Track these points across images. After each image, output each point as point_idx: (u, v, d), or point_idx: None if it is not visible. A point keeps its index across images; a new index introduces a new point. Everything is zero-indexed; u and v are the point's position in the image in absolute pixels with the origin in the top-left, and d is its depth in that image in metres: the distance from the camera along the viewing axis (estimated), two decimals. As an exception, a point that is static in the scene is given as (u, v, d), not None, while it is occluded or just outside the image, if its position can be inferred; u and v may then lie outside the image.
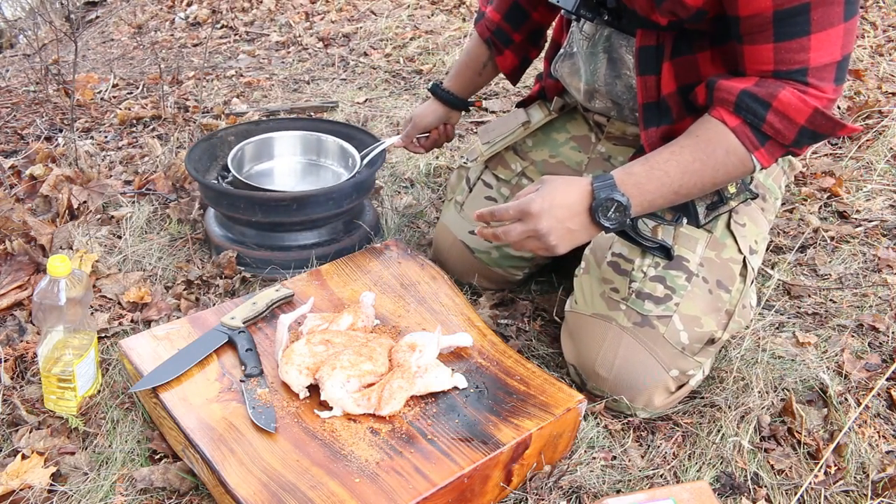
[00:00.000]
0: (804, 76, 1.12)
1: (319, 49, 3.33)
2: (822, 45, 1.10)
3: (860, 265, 1.79)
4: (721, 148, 1.18)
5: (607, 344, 1.31)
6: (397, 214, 1.95)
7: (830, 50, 1.11)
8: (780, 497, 1.20)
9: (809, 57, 1.11)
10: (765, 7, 1.09)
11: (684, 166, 1.18)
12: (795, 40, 1.10)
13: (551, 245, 1.17)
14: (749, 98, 1.15)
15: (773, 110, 1.14)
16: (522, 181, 1.63)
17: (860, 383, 1.43)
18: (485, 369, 1.27)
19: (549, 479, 1.21)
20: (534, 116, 1.65)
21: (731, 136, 1.17)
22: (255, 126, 1.92)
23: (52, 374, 1.27)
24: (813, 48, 1.10)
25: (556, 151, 1.61)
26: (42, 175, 2.04)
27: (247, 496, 1.02)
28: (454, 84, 1.72)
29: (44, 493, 1.16)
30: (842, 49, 1.11)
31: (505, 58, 1.66)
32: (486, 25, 1.64)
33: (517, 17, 1.61)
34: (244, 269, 1.68)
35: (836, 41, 1.10)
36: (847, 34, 1.11)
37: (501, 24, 1.62)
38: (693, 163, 1.18)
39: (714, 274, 1.32)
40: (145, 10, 4.17)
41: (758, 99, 1.14)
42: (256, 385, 1.20)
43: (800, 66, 1.12)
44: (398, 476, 1.06)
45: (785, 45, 1.11)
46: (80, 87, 2.76)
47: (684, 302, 1.30)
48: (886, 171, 2.14)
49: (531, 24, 1.62)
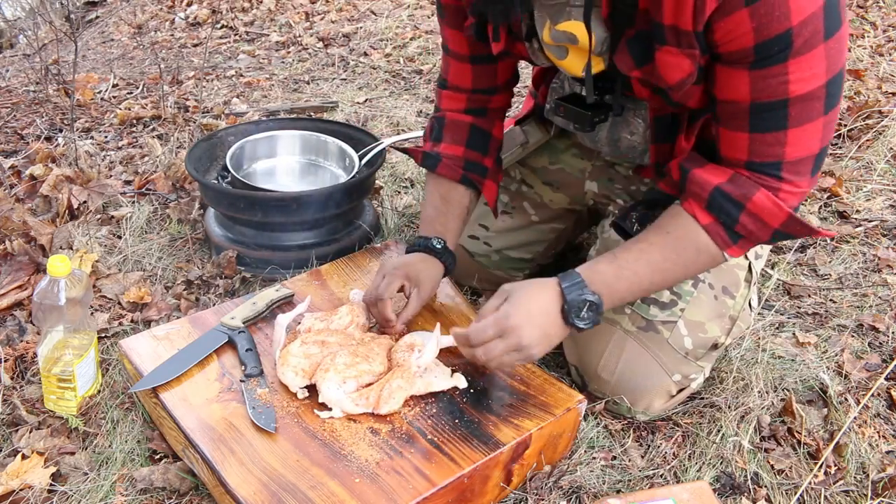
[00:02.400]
0: (778, 170, 1.08)
1: (319, 49, 3.33)
2: (799, 140, 1.05)
3: (860, 265, 1.79)
4: (692, 246, 1.15)
5: (611, 347, 1.31)
6: (397, 214, 1.95)
7: (808, 144, 1.06)
8: (780, 497, 1.20)
9: (785, 151, 1.06)
10: (742, 97, 1.05)
11: (654, 266, 1.15)
12: (772, 133, 1.06)
13: (532, 355, 1.14)
14: (722, 197, 1.11)
15: (747, 212, 1.10)
16: (522, 188, 1.62)
17: (860, 383, 1.43)
18: (485, 369, 1.27)
19: (549, 479, 1.21)
20: (532, 136, 1.58)
21: (703, 234, 1.13)
22: (255, 126, 1.92)
23: (52, 374, 1.27)
24: (790, 143, 1.06)
25: (557, 158, 1.59)
26: (42, 175, 2.04)
27: (247, 496, 1.02)
28: (451, 241, 1.41)
29: (44, 493, 1.16)
30: (820, 142, 1.07)
31: (488, 188, 1.45)
32: (453, 164, 1.41)
33: (481, 142, 1.43)
34: (244, 269, 1.68)
35: (814, 135, 1.06)
36: (826, 126, 1.06)
37: (468, 155, 1.42)
38: (663, 262, 1.15)
39: (720, 280, 1.32)
40: (145, 10, 4.17)
41: (731, 199, 1.10)
42: (256, 385, 1.20)
43: (775, 159, 1.07)
44: (398, 476, 1.06)
45: (760, 137, 1.07)
46: (80, 87, 2.76)
47: (690, 307, 1.29)
48: (886, 171, 2.14)
49: (495, 143, 1.46)
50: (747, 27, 0.98)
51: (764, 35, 0.97)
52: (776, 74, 1.01)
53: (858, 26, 3.03)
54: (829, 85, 1.02)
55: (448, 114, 1.44)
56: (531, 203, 1.62)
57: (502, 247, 1.62)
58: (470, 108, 1.44)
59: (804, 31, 0.97)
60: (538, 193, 1.61)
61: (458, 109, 1.44)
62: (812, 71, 1.00)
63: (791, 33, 0.97)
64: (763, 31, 0.97)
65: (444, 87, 1.45)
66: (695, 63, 1.06)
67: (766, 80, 1.02)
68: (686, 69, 1.07)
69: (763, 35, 0.98)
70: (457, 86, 1.43)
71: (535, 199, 1.62)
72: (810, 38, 0.98)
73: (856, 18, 3.08)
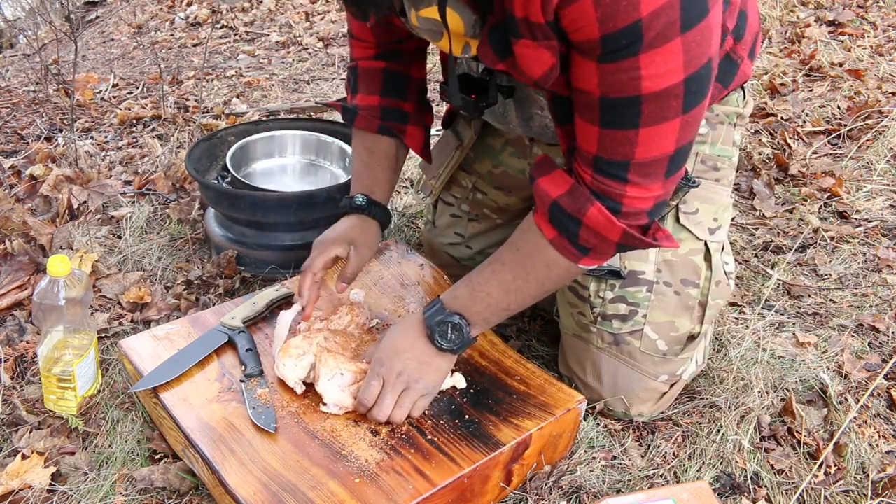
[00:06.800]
0: (625, 171, 0.99)
1: (319, 49, 3.33)
2: (651, 140, 0.96)
3: (860, 265, 1.79)
4: (541, 262, 1.10)
5: (591, 362, 1.32)
6: (397, 214, 1.95)
7: (661, 144, 0.97)
8: (780, 497, 1.20)
9: (636, 151, 0.97)
10: (591, 88, 0.95)
11: (506, 286, 1.13)
12: (622, 131, 0.96)
13: (421, 387, 1.14)
14: (559, 212, 1.05)
15: (585, 227, 1.04)
16: (478, 196, 1.58)
17: (860, 383, 1.43)
18: (485, 369, 1.27)
19: (549, 479, 1.21)
20: (464, 136, 1.54)
21: (550, 248, 1.08)
22: (255, 126, 1.92)
23: (52, 374, 1.27)
24: (641, 143, 0.96)
25: (498, 160, 1.53)
26: (42, 175, 2.04)
27: (247, 496, 1.02)
28: (381, 194, 1.39)
29: (44, 493, 1.16)
30: (676, 143, 0.97)
31: (412, 136, 1.40)
32: (369, 115, 1.36)
33: (397, 86, 1.37)
34: (244, 269, 1.68)
35: (668, 135, 0.96)
36: (685, 126, 0.96)
37: (385, 102, 1.36)
38: (514, 281, 1.12)
39: (676, 274, 1.28)
40: (145, 10, 4.17)
41: (567, 214, 1.04)
42: (256, 385, 1.20)
43: (623, 158, 0.98)
44: (398, 476, 1.06)
45: (610, 134, 0.98)
46: (80, 87, 2.76)
47: (651, 312, 1.28)
48: (886, 171, 2.14)
49: (415, 85, 1.39)
50: (591, 17, 0.88)
51: (610, 27, 0.88)
52: (626, 69, 0.91)
53: (858, 26, 3.03)
54: (689, 81, 0.92)
55: (360, 62, 1.37)
56: (490, 209, 1.59)
57: (483, 247, 1.61)
58: (381, 52, 1.36)
59: (656, 23, 0.87)
60: (493, 199, 1.57)
61: (369, 56, 1.36)
62: (667, 67, 0.90)
63: (640, 25, 0.87)
64: (608, 23, 0.87)
65: (352, 36, 1.38)
66: (555, 54, 0.97)
67: (616, 74, 0.92)
68: (547, 61, 0.98)
69: (609, 27, 0.88)
70: (361, 38, 1.36)
71: (492, 205, 1.58)
72: (664, 30, 0.87)
73: (856, 18, 3.08)
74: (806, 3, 3.24)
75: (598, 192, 1.02)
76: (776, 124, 2.34)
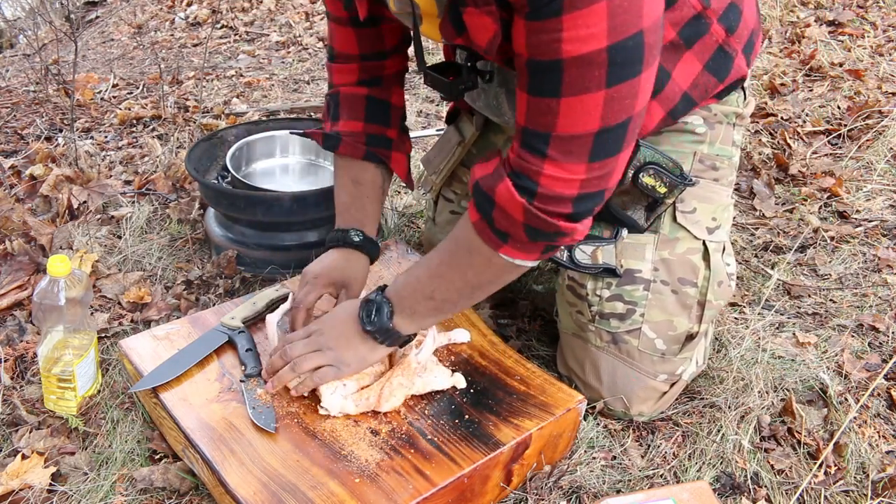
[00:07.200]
0: (545, 144, 0.94)
1: (319, 49, 3.33)
2: (573, 111, 0.91)
3: (860, 265, 1.79)
4: (464, 247, 1.07)
5: (590, 361, 1.32)
6: (397, 214, 1.95)
7: (584, 120, 0.92)
8: (780, 497, 1.20)
9: (556, 122, 0.92)
10: (521, 50, 0.92)
11: (432, 270, 1.11)
12: (545, 100, 0.92)
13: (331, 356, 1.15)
14: (478, 192, 1.01)
15: (497, 206, 1.00)
16: None
17: (860, 383, 1.43)
18: (485, 369, 1.27)
19: (549, 479, 1.21)
20: (466, 131, 1.53)
21: (472, 232, 1.04)
22: (255, 126, 1.92)
23: (52, 374, 1.27)
24: (562, 113, 0.92)
25: None
26: (42, 175, 2.04)
27: (247, 496, 1.02)
28: (371, 228, 1.36)
29: (44, 493, 1.16)
30: (601, 120, 0.92)
31: (397, 161, 1.38)
32: (354, 142, 1.34)
33: (380, 113, 1.35)
34: (244, 269, 1.69)
35: (591, 110, 0.91)
36: (609, 103, 0.91)
37: (369, 129, 1.34)
38: (439, 266, 1.10)
39: (673, 273, 1.28)
40: (145, 10, 4.17)
41: (483, 193, 1.00)
42: (256, 385, 1.20)
43: (544, 129, 0.94)
44: (398, 476, 1.06)
45: (535, 102, 0.93)
46: (80, 87, 2.76)
47: (649, 311, 1.27)
48: (886, 171, 2.14)
49: (396, 112, 1.38)
50: None
51: None
52: (549, 30, 0.88)
53: (858, 26, 3.03)
54: (614, 50, 0.88)
55: (342, 89, 1.35)
56: None
57: None
58: (363, 79, 1.34)
59: None
60: None
61: (351, 82, 1.35)
62: (589, 30, 0.86)
63: None
64: None
65: (333, 59, 1.35)
66: (496, 20, 0.95)
67: (539, 34, 0.89)
68: (490, 28, 0.97)
69: None
70: (345, 54, 1.33)
71: None
72: None
73: (856, 18, 3.08)
74: (806, 3, 3.25)
75: (517, 170, 0.98)
76: (776, 124, 2.34)
